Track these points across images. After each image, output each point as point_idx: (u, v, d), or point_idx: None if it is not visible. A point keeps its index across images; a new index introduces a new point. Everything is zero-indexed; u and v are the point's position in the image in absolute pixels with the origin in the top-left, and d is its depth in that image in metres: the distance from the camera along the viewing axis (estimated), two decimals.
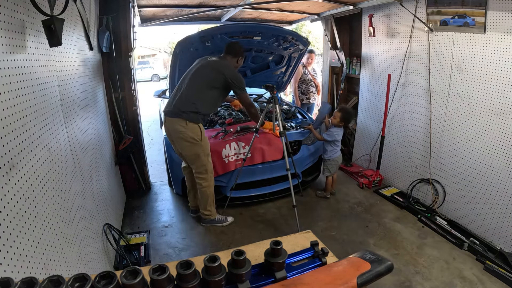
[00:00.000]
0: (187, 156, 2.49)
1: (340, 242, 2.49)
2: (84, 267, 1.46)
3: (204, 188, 2.55)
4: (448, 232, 2.49)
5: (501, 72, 2.17)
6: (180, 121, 2.36)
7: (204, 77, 2.41)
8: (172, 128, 2.42)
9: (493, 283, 2.01)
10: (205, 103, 2.42)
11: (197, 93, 2.39)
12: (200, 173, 2.51)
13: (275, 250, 0.64)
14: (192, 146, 2.41)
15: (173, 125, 2.40)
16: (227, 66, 2.45)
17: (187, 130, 2.36)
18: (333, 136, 2.98)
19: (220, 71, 2.40)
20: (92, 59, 2.34)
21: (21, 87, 1.06)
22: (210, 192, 2.59)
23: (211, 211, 2.66)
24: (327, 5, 3.30)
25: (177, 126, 2.37)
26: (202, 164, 2.48)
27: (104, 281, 0.49)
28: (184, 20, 3.79)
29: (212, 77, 2.40)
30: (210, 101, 2.46)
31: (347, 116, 2.98)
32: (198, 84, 2.39)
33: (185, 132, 2.37)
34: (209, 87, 2.40)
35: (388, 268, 0.65)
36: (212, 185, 2.60)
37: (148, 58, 21.37)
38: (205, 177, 2.52)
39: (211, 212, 2.67)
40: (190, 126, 2.36)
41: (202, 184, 2.54)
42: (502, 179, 2.24)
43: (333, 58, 3.90)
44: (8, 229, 0.87)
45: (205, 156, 2.48)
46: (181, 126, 2.36)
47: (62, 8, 1.25)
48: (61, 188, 1.35)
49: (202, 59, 2.53)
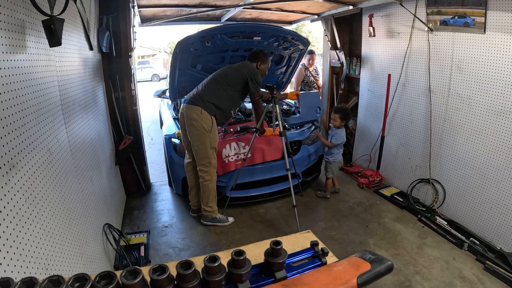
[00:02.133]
0: (194, 145, 2.52)
1: (340, 242, 2.49)
2: (84, 267, 1.46)
3: (206, 181, 2.58)
4: (448, 232, 2.49)
5: (501, 72, 2.17)
6: (196, 109, 2.45)
7: (225, 74, 2.59)
8: (187, 114, 2.49)
9: (493, 283, 2.01)
10: (221, 99, 2.54)
11: (217, 89, 2.54)
12: (204, 165, 2.55)
13: (275, 250, 0.64)
14: (201, 136, 2.47)
15: (188, 111, 2.48)
16: (248, 66, 2.65)
17: (200, 118, 2.44)
18: (341, 139, 2.99)
19: (240, 70, 2.60)
20: (92, 59, 2.34)
21: (21, 87, 1.06)
22: (212, 187, 2.62)
23: (212, 207, 2.67)
24: (327, 5, 3.30)
25: (192, 113, 2.46)
26: (206, 156, 2.52)
27: (104, 281, 0.49)
28: (184, 20, 3.79)
29: (232, 75, 2.58)
30: (228, 98, 2.58)
31: (345, 114, 2.98)
32: (217, 80, 2.56)
33: (198, 120, 2.44)
34: (227, 84, 2.56)
35: (388, 268, 0.65)
36: (214, 180, 2.62)
37: (148, 58, 21.38)
38: (208, 170, 2.56)
39: (212, 209, 2.67)
40: (204, 115, 2.45)
41: (205, 178, 2.57)
42: (502, 179, 2.24)
43: (333, 58, 3.90)
44: (8, 229, 0.87)
45: (211, 149, 2.53)
46: (195, 113, 2.45)
47: (62, 8, 1.25)
48: (61, 188, 1.35)
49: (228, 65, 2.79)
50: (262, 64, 2.74)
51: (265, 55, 2.77)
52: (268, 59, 2.82)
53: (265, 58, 2.76)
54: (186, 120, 2.51)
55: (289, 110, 3.68)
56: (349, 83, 4.01)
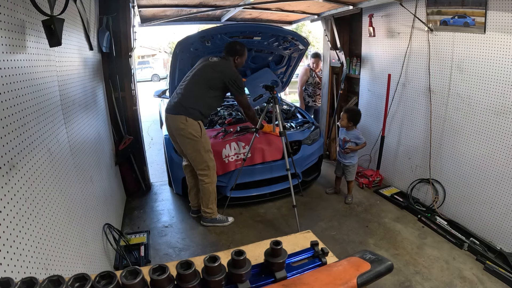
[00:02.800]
0: (188, 153, 2.50)
1: (340, 242, 2.49)
2: (84, 267, 1.46)
3: (206, 184, 2.56)
4: (448, 232, 2.49)
5: (501, 72, 2.17)
6: (181, 118, 2.39)
7: (204, 77, 2.45)
8: (173, 125, 2.45)
9: (493, 283, 2.01)
10: (204, 103, 2.45)
11: (197, 92, 2.43)
12: (202, 169, 2.53)
13: (275, 250, 0.64)
14: (192, 143, 2.43)
15: (174, 122, 2.43)
16: (226, 67, 2.47)
17: (187, 126, 2.39)
18: (361, 138, 2.93)
19: (219, 72, 2.44)
20: (92, 59, 2.34)
21: (21, 87, 1.06)
22: (213, 189, 2.60)
23: (212, 209, 2.65)
24: (327, 5, 3.30)
25: (178, 123, 2.40)
26: (203, 161, 2.49)
27: (104, 281, 0.49)
28: (184, 20, 3.79)
29: (211, 78, 2.44)
30: (209, 100, 2.49)
31: (353, 116, 2.90)
32: (198, 84, 2.44)
33: (185, 129, 2.39)
34: (208, 87, 2.44)
35: (388, 268, 0.65)
36: (214, 182, 2.60)
37: (148, 58, 21.39)
38: (207, 173, 2.53)
39: (212, 211, 2.66)
40: (190, 123, 2.39)
41: (205, 181, 2.55)
42: (502, 179, 2.24)
43: (333, 58, 3.90)
44: (8, 229, 0.87)
45: (206, 153, 2.49)
46: (181, 123, 2.39)
47: (62, 8, 1.25)
48: (61, 188, 1.35)
49: (204, 60, 2.56)
50: (239, 58, 2.55)
51: (241, 46, 2.54)
52: (245, 49, 2.58)
53: (242, 51, 2.54)
54: (173, 131, 2.47)
55: (289, 110, 3.68)
56: (349, 83, 4.01)
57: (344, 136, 2.98)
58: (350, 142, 2.93)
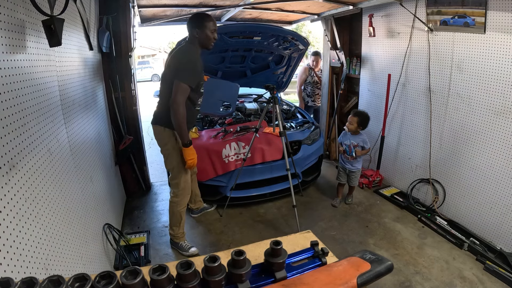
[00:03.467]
0: (165, 164, 2.24)
1: (340, 242, 2.49)
2: (84, 267, 1.46)
3: (172, 203, 2.28)
4: (448, 232, 2.49)
5: (501, 72, 2.17)
6: (158, 128, 2.12)
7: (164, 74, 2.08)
8: (155, 136, 2.18)
9: (493, 283, 2.01)
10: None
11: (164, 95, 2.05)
12: (173, 185, 2.25)
13: (275, 250, 0.64)
14: (168, 155, 2.17)
15: (154, 131, 2.17)
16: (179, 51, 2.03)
17: (163, 137, 2.12)
18: (368, 142, 2.86)
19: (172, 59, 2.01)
20: (92, 59, 2.34)
21: (21, 87, 1.06)
22: (178, 211, 2.27)
23: (175, 231, 2.34)
24: (327, 5, 3.30)
25: (156, 133, 2.16)
26: (175, 177, 2.21)
27: (104, 281, 0.49)
28: (184, 20, 3.75)
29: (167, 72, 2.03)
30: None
31: (364, 120, 2.78)
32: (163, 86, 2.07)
33: (162, 140, 2.14)
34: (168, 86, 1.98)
35: (388, 268, 0.65)
36: (182, 205, 2.28)
37: (148, 58, 21.37)
38: (176, 192, 2.25)
39: (174, 233, 2.35)
40: (167, 133, 2.10)
41: (172, 199, 2.28)
42: (502, 179, 2.24)
43: (333, 58, 3.90)
44: (8, 229, 0.87)
45: (181, 169, 2.16)
46: (159, 133, 2.13)
47: (62, 8, 1.25)
48: (61, 188, 1.35)
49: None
50: (199, 32, 1.98)
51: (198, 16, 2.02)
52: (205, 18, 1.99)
53: (199, 20, 1.98)
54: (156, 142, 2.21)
55: (289, 110, 3.68)
56: (349, 83, 4.01)
57: (352, 141, 2.84)
58: (358, 146, 2.85)
